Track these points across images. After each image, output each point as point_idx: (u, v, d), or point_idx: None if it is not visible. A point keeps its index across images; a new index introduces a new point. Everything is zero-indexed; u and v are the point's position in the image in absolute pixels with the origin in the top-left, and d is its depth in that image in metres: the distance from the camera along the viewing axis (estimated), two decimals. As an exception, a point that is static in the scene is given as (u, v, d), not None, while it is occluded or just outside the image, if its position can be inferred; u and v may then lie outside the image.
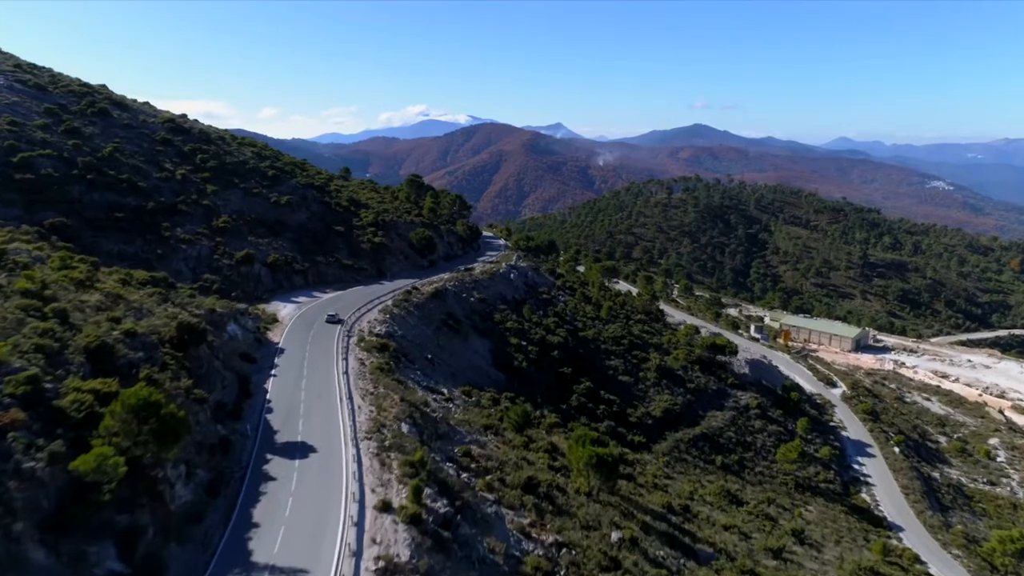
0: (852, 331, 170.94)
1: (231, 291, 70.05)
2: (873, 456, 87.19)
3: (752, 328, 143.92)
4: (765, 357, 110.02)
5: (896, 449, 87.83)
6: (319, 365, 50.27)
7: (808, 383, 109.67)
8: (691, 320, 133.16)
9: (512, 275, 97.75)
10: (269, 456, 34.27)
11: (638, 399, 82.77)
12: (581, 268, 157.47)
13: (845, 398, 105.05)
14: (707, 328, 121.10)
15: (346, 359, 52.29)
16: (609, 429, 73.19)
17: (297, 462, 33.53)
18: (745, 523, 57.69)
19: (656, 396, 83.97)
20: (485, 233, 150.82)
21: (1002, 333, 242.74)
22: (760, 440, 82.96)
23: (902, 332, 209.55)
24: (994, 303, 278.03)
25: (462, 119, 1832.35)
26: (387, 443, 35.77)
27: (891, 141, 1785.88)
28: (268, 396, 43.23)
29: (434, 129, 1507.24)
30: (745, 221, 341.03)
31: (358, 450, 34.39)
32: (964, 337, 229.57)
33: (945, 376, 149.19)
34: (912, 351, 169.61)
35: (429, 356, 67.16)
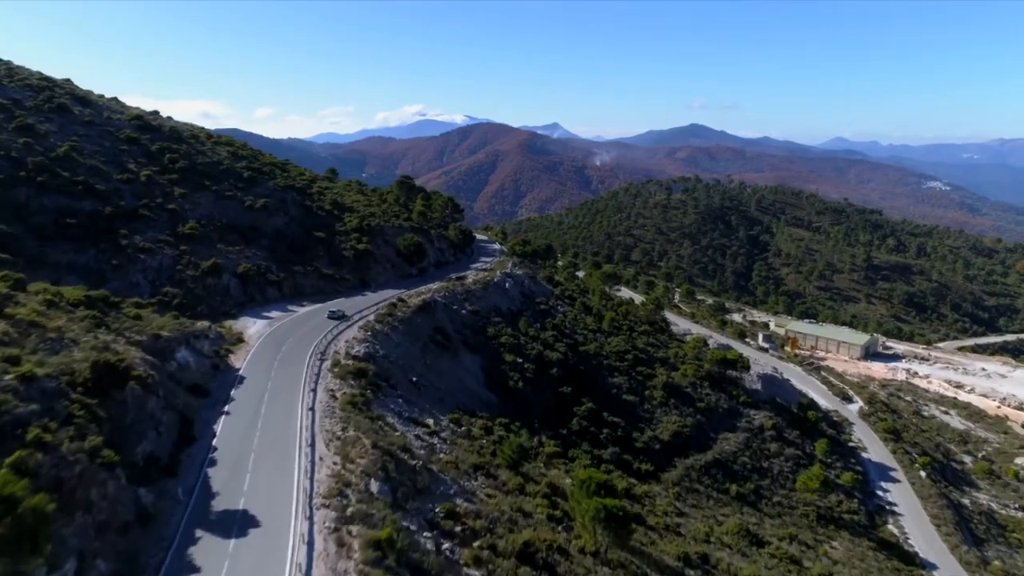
0: (861, 338, 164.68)
1: (195, 306, 63.13)
2: (898, 481, 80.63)
3: (760, 337, 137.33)
4: (777, 370, 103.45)
5: (922, 473, 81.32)
6: (282, 398, 43.34)
7: (823, 398, 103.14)
8: (696, 329, 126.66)
9: (507, 284, 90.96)
10: (200, 532, 27.33)
11: (644, 421, 76.05)
12: (580, 273, 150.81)
13: (863, 415, 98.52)
14: (714, 338, 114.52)
15: (314, 390, 45.37)
16: (614, 456, 66.64)
17: (232, 543, 26.61)
18: (769, 570, 51.08)
19: (664, 417, 77.26)
20: (479, 237, 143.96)
21: (1010, 338, 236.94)
22: (777, 466, 76.30)
23: (910, 338, 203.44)
24: (1001, 307, 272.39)
25: (459, 119, 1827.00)
26: (349, 511, 28.88)
27: (887, 141, 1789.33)
28: (215, 442, 36.32)
29: (431, 129, 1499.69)
30: (746, 223, 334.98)
31: (311, 524, 27.51)
32: (972, 342, 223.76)
33: (960, 386, 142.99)
34: (924, 359, 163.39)
35: (414, 379, 60.34)
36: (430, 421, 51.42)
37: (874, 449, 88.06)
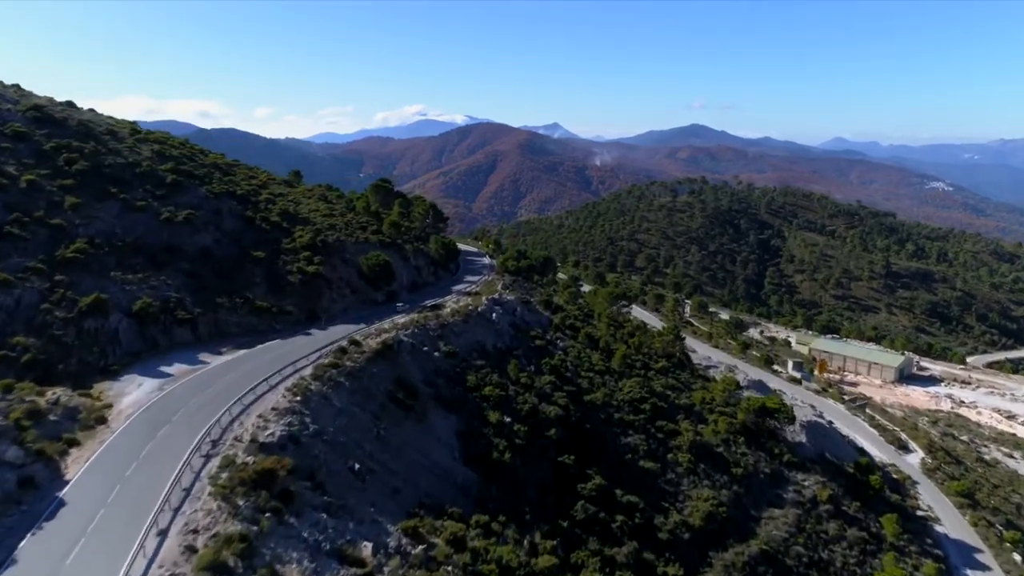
0: (895, 359, 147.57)
1: (58, 361, 46.14)
2: (988, 568, 63.51)
3: (790, 365, 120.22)
4: (817, 411, 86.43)
5: (1017, 556, 64.36)
6: (101, 556, 26.25)
7: (874, 446, 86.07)
8: (717, 355, 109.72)
9: (494, 314, 73.90)
10: None
11: (668, 496, 58.96)
12: (585, 288, 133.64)
13: (926, 469, 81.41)
14: (740, 369, 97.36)
15: (165, 532, 28.32)
16: (631, 557, 49.58)
17: None
18: None
19: (692, 491, 60.16)
20: (466, 249, 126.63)
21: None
22: (839, 556, 59.18)
23: (941, 354, 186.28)
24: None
25: (458, 119, 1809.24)
26: None
27: (887, 141, 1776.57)
28: None
29: (430, 129, 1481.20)
30: (756, 226, 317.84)
31: None
32: (1003, 356, 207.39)
33: (1012, 416, 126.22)
34: (965, 382, 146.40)
35: (357, 466, 43.12)
36: (367, 548, 34.31)
37: (948, 519, 71.00)
